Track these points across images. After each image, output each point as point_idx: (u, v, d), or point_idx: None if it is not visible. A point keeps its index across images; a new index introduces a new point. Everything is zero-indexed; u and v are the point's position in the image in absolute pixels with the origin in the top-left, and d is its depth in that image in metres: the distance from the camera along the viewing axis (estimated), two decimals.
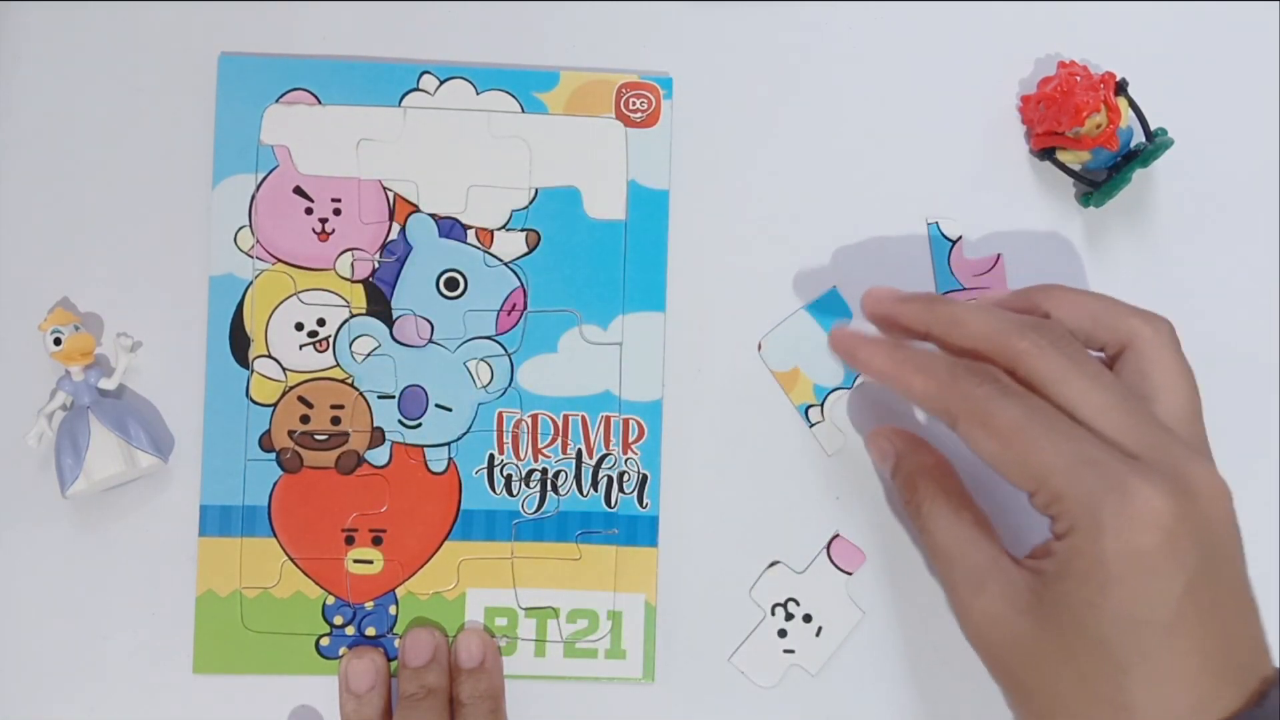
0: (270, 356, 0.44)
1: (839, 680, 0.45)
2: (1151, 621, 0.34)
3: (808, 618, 0.45)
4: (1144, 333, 0.38)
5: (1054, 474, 0.35)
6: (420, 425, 0.44)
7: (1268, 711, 0.33)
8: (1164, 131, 0.46)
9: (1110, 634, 0.34)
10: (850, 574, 0.45)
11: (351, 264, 0.44)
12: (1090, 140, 0.44)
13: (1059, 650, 0.35)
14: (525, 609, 0.44)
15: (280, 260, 0.44)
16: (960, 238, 0.46)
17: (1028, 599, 0.36)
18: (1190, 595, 0.34)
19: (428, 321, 0.45)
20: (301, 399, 0.44)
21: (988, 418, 0.36)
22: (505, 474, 0.44)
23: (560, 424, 0.45)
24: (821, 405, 0.45)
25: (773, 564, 0.45)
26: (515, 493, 0.44)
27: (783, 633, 0.44)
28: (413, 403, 0.44)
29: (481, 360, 0.45)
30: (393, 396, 0.44)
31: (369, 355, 0.44)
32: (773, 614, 0.45)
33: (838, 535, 0.45)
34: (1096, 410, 0.36)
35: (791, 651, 0.44)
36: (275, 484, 0.44)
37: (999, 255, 0.46)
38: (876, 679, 0.45)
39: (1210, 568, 0.34)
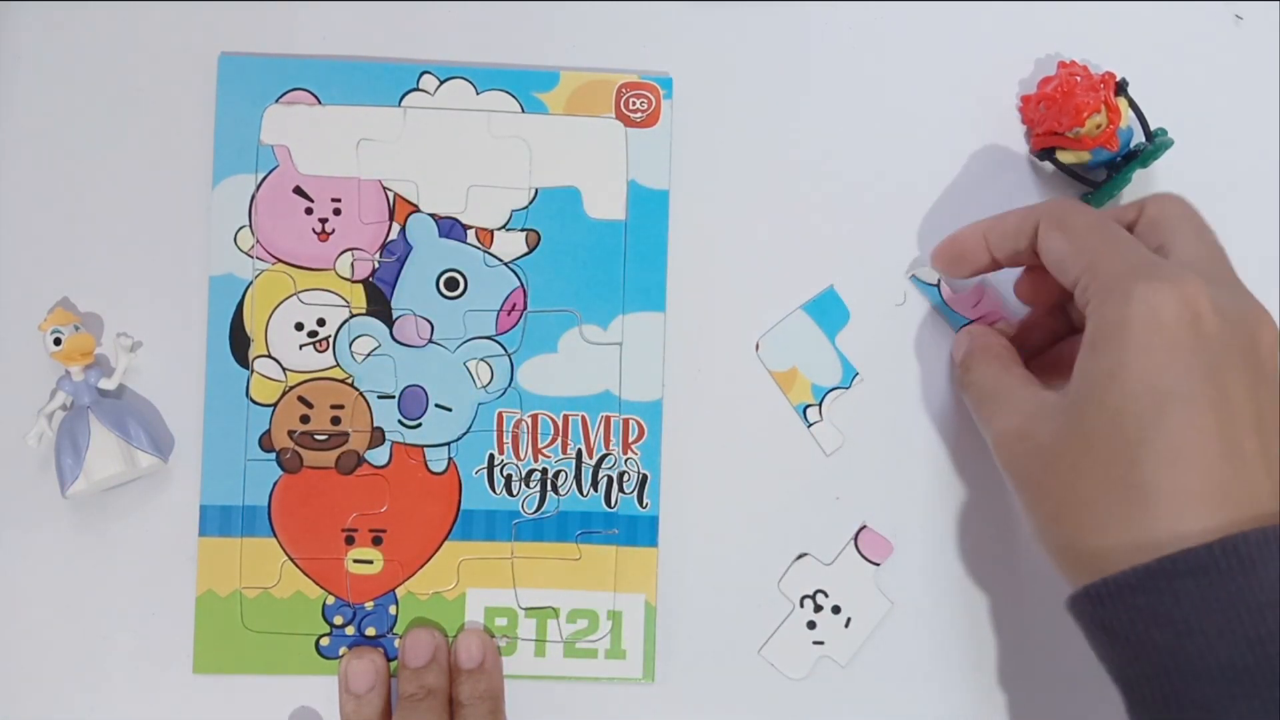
0: (270, 356, 0.44)
1: (868, 671, 0.45)
2: (1171, 392, 0.33)
3: (836, 609, 0.45)
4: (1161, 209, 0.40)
5: (1104, 258, 0.36)
6: (420, 425, 0.44)
7: None
8: (1164, 132, 0.46)
9: (1128, 405, 0.34)
10: (878, 565, 0.45)
11: (351, 264, 0.44)
12: (1090, 140, 0.44)
13: (1078, 438, 0.35)
14: (525, 609, 0.44)
15: (280, 260, 0.44)
16: (940, 279, 0.46)
17: (1052, 406, 0.37)
18: (1215, 380, 0.33)
19: (428, 321, 0.45)
20: (301, 399, 0.44)
21: (1062, 219, 0.39)
22: (505, 474, 0.44)
23: (560, 424, 0.45)
24: (820, 405, 0.45)
25: (801, 556, 0.45)
26: (515, 493, 0.44)
27: (812, 624, 0.45)
28: (413, 403, 0.44)
29: (481, 360, 0.45)
30: (393, 396, 0.44)
31: (369, 355, 0.44)
32: (801, 606, 0.45)
33: (865, 527, 0.45)
34: (1186, 256, 0.37)
35: (821, 643, 0.45)
36: (275, 484, 0.44)
37: (980, 287, 0.46)
38: (906, 670, 0.45)
39: (1249, 375, 0.34)
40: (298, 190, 0.45)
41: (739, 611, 0.45)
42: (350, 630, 0.44)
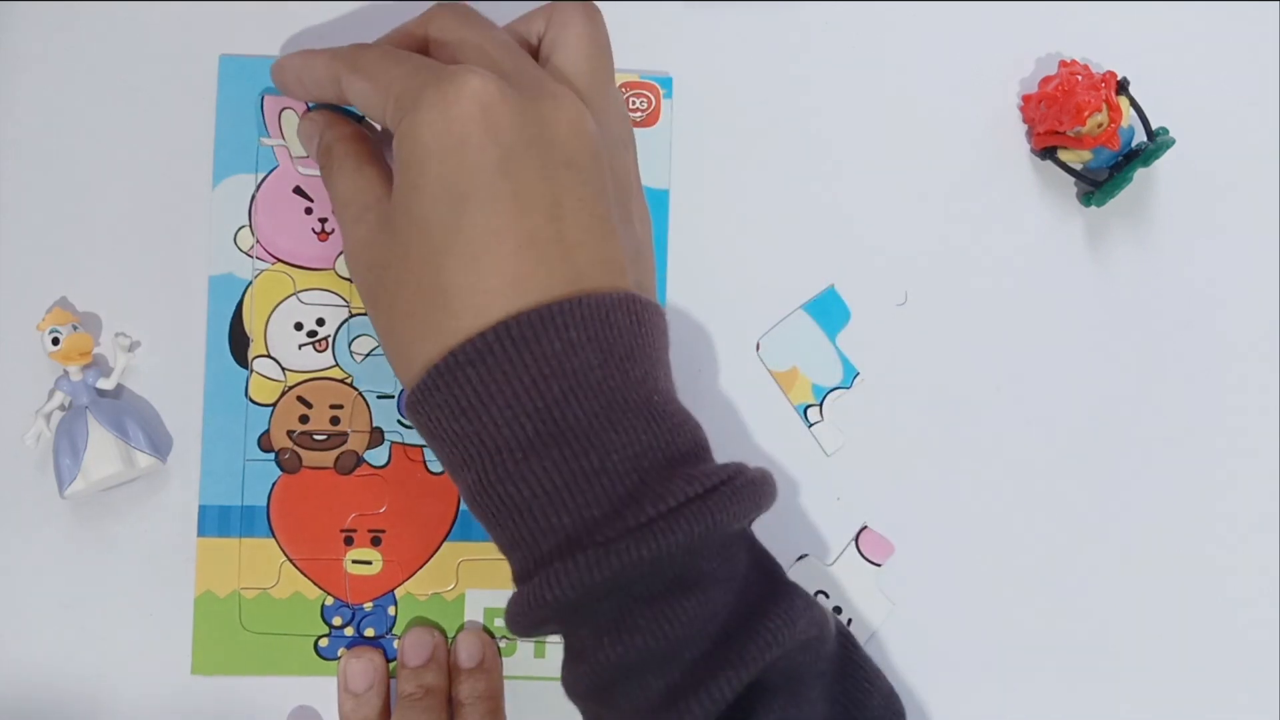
0: (269, 356, 0.44)
1: None
2: (466, 193, 0.33)
3: (837, 610, 0.45)
4: (557, 16, 0.38)
5: (396, 81, 0.35)
6: None
7: (584, 305, 0.33)
8: (1165, 131, 0.45)
9: (429, 212, 0.34)
10: (879, 565, 0.45)
11: None
12: (1091, 139, 0.44)
13: (398, 251, 0.35)
14: None
15: (280, 260, 0.44)
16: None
17: (388, 218, 0.36)
18: (507, 172, 0.33)
19: None
20: (300, 399, 0.44)
21: (357, 63, 0.37)
22: None
23: None
24: (820, 405, 0.45)
25: (801, 557, 0.45)
26: None
27: None
28: None
29: None
30: (392, 396, 0.44)
31: (368, 355, 0.44)
32: None
33: (866, 527, 0.45)
34: (477, 54, 0.36)
35: None
36: (274, 484, 0.44)
37: None
38: (907, 670, 0.45)
39: (544, 161, 0.34)
40: (298, 190, 0.44)
41: None
42: (349, 631, 0.44)
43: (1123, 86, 0.45)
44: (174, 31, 0.45)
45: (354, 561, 0.44)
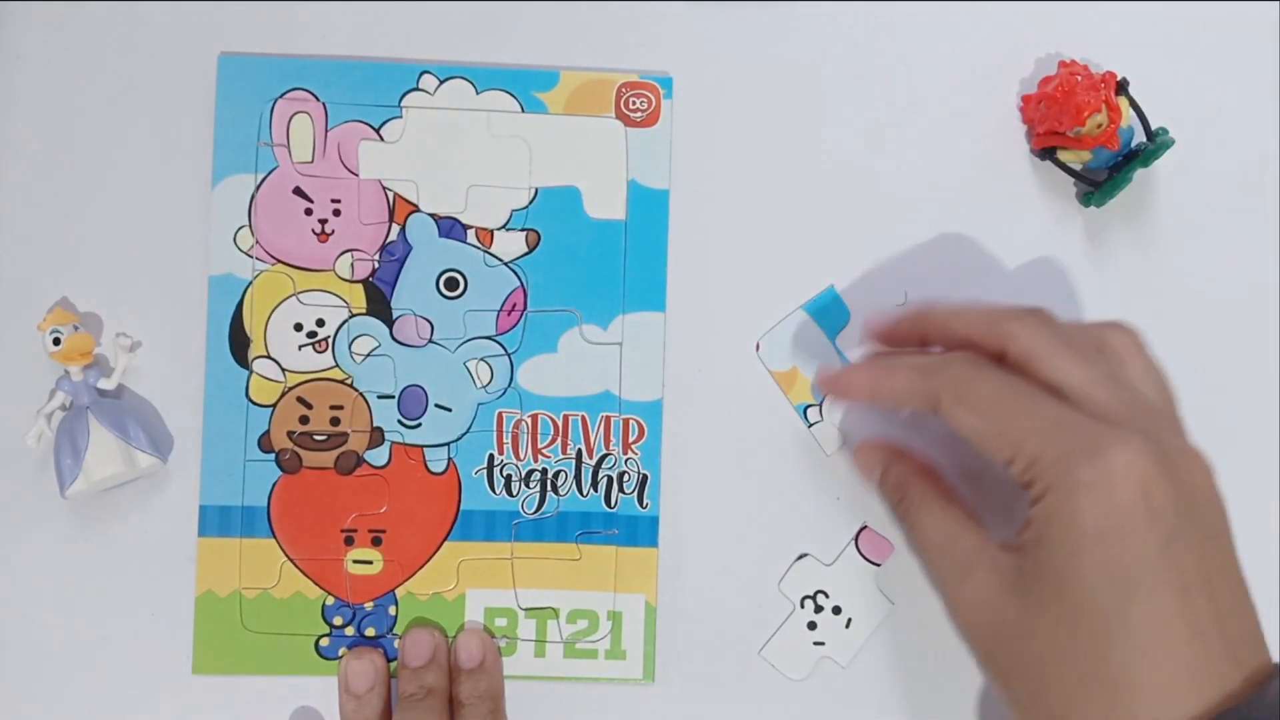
0: (269, 357, 0.44)
1: (869, 672, 0.45)
2: (1131, 580, 0.33)
3: (837, 609, 0.45)
4: (1117, 337, 0.39)
5: (1030, 437, 0.35)
6: (420, 425, 0.44)
7: (1268, 698, 0.32)
8: (1165, 131, 0.45)
9: (1089, 598, 0.33)
10: (879, 565, 0.45)
11: (351, 264, 0.44)
12: (1091, 140, 0.44)
13: (1042, 627, 0.34)
14: (525, 609, 0.44)
15: (280, 260, 0.44)
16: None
17: (1012, 580, 0.36)
18: (1170, 556, 0.33)
19: (428, 321, 0.44)
20: (301, 399, 0.44)
21: (966, 394, 0.37)
22: (505, 474, 0.44)
23: (560, 424, 0.44)
24: (820, 405, 0.45)
25: (801, 556, 0.45)
26: (515, 493, 0.44)
27: (812, 625, 0.44)
28: (412, 403, 0.44)
29: (481, 360, 0.44)
30: (392, 396, 0.44)
31: (369, 355, 0.44)
32: (801, 606, 0.45)
33: (866, 527, 0.45)
34: (1081, 384, 0.36)
35: (822, 644, 0.44)
36: (274, 484, 0.44)
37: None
38: (907, 670, 0.45)
39: (1195, 536, 0.33)
40: (297, 190, 0.44)
41: (739, 612, 0.45)
42: (350, 631, 0.44)
43: (1122, 87, 0.45)
44: (173, 30, 0.45)
45: (354, 561, 0.44)
